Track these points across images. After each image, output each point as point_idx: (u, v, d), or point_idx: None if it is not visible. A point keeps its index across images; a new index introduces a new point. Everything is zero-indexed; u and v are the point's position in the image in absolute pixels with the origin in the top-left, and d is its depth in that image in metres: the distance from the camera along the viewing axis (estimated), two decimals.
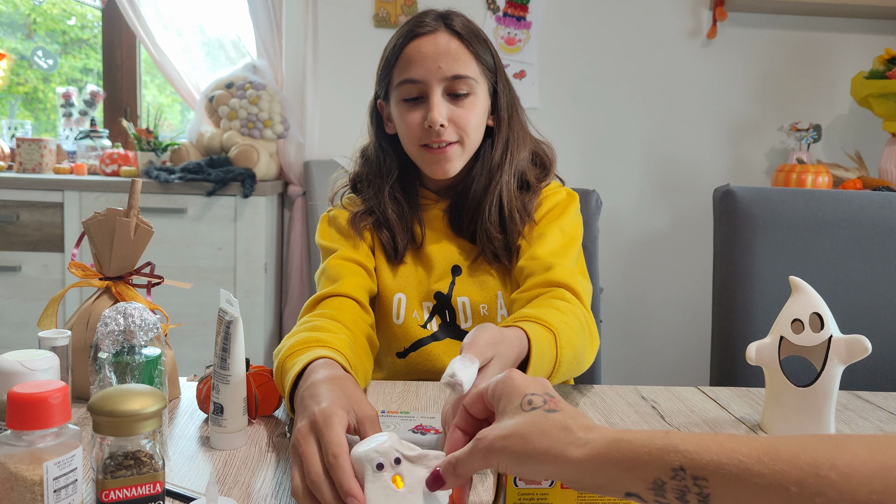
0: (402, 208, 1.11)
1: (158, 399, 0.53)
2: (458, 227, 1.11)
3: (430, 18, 1.06)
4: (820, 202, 1.32)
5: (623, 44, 2.79)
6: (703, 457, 0.44)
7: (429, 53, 1.03)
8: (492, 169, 1.09)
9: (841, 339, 0.81)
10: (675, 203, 2.88)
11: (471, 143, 1.07)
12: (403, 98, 1.06)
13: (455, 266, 1.10)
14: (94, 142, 2.68)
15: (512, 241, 1.08)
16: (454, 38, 1.04)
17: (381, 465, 0.55)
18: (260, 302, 2.43)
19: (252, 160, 2.46)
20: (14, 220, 2.32)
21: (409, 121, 1.05)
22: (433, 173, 1.07)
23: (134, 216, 0.87)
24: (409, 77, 1.04)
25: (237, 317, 0.73)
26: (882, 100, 2.51)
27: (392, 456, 0.56)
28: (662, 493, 0.45)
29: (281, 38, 2.70)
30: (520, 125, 1.12)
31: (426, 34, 1.04)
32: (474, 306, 1.09)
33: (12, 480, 0.50)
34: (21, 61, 2.89)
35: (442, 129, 1.03)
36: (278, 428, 0.81)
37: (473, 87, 1.05)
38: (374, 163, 1.13)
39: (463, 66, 1.04)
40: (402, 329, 1.09)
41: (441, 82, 1.03)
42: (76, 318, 0.86)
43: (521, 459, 0.51)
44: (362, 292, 1.03)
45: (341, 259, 1.06)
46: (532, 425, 0.51)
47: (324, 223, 1.15)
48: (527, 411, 0.53)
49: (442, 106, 1.03)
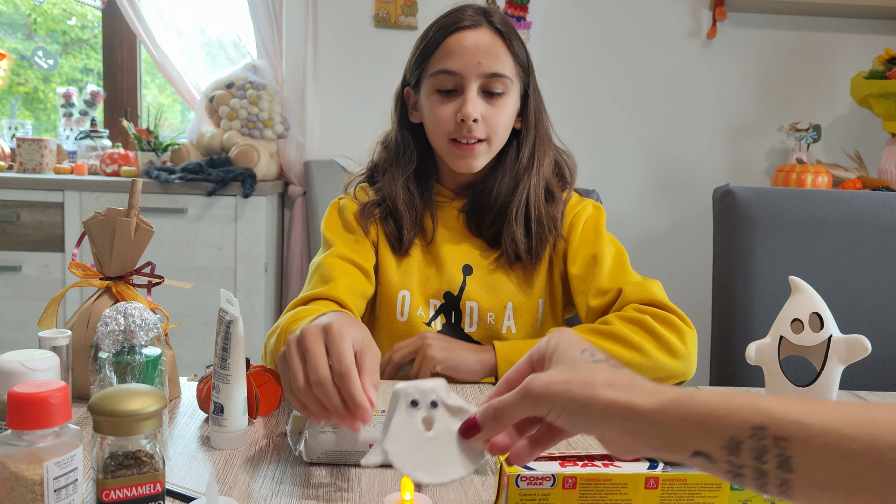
0: (414, 200, 1.10)
1: (159, 399, 0.53)
2: (477, 228, 1.11)
3: (471, 12, 1.05)
4: (820, 202, 1.32)
5: (623, 44, 2.79)
6: (788, 416, 0.40)
7: (470, 47, 1.02)
8: (518, 172, 1.08)
9: (841, 338, 0.81)
10: (675, 203, 2.87)
11: (497, 142, 1.07)
12: (437, 89, 1.05)
13: (466, 265, 1.10)
14: (94, 142, 2.68)
15: (536, 247, 1.08)
16: (496, 36, 1.04)
17: (416, 402, 0.52)
18: (260, 302, 2.42)
19: (252, 160, 2.46)
20: (14, 220, 2.32)
21: (441, 112, 1.04)
22: (457, 167, 1.07)
23: (134, 216, 0.87)
24: (446, 68, 1.03)
25: (237, 317, 0.73)
26: (882, 100, 2.51)
27: (430, 397, 0.53)
28: (737, 453, 0.41)
29: (281, 39, 2.70)
30: (545, 130, 1.12)
31: (469, 28, 1.04)
32: (482, 313, 1.08)
33: (12, 480, 0.50)
34: (21, 61, 2.90)
35: (474, 125, 1.03)
36: (278, 428, 0.81)
37: (508, 87, 1.05)
38: (395, 150, 1.12)
39: (502, 64, 1.03)
40: (406, 327, 1.08)
41: (479, 78, 1.03)
42: (76, 317, 0.86)
43: (579, 408, 0.45)
44: (353, 297, 1.02)
45: (338, 258, 1.05)
46: (598, 373, 0.46)
47: (332, 210, 1.14)
48: (589, 362, 0.48)
49: (477, 101, 1.03)
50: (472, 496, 0.65)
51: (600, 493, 0.58)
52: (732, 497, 0.59)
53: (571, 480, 0.58)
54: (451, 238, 1.11)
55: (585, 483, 0.58)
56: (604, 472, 0.58)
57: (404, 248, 1.09)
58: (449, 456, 0.52)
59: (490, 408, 0.50)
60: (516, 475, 0.57)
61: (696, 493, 0.59)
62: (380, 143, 1.16)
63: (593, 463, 0.60)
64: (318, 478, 0.69)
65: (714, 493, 0.59)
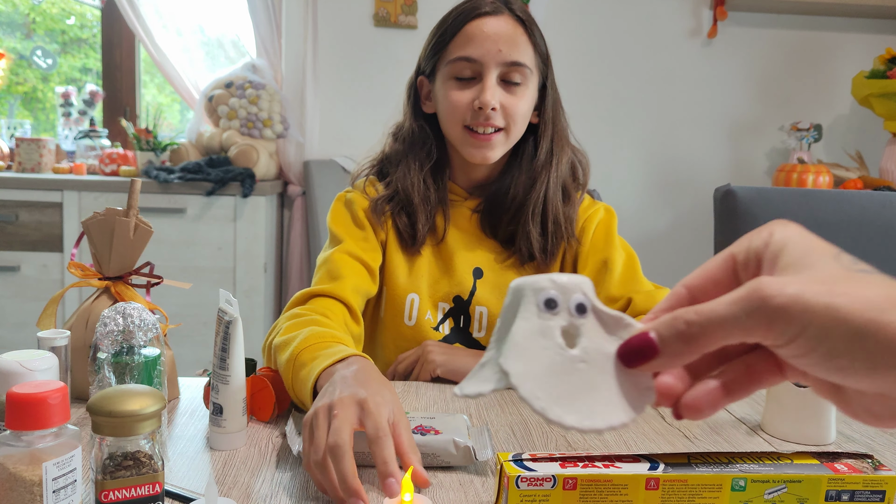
0: (430, 194, 1.06)
1: (158, 399, 0.53)
2: (493, 228, 1.08)
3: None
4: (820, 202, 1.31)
5: (623, 44, 2.79)
6: None
7: (490, 34, 1.00)
8: (535, 169, 1.06)
9: None
10: (676, 203, 2.87)
11: (515, 132, 1.04)
12: (455, 76, 1.03)
13: (476, 269, 1.07)
14: (93, 141, 2.68)
15: (551, 246, 1.06)
16: (518, 24, 1.02)
17: (554, 302, 0.35)
18: (260, 302, 2.42)
19: (251, 160, 2.46)
20: (13, 220, 2.32)
21: (457, 99, 1.02)
22: (472, 157, 1.04)
23: (133, 216, 0.87)
24: (466, 55, 1.01)
25: (237, 317, 0.73)
26: (883, 99, 2.51)
27: (574, 298, 0.35)
28: None
29: (281, 38, 2.69)
30: (562, 126, 1.10)
31: (490, 14, 1.01)
32: (491, 318, 1.06)
33: (12, 481, 0.50)
34: (20, 61, 2.89)
35: (492, 113, 1.00)
36: (278, 428, 0.81)
37: (527, 78, 1.02)
38: (409, 141, 1.08)
39: (522, 53, 1.01)
40: (414, 331, 1.06)
41: (498, 66, 1.01)
42: (75, 318, 0.86)
43: (854, 338, 0.29)
44: (357, 297, 1.00)
45: (346, 254, 1.03)
46: (875, 286, 0.30)
47: (339, 204, 1.10)
48: (853, 270, 0.31)
49: (496, 89, 1.01)
50: (472, 496, 0.65)
51: (601, 494, 0.58)
52: (733, 498, 0.59)
53: (572, 481, 0.58)
54: (463, 239, 1.09)
55: (586, 484, 0.58)
56: (604, 473, 0.58)
57: (418, 243, 1.06)
58: (603, 388, 0.34)
59: (679, 320, 0.33)
60: (516, 476, 0.57)
61: (697, 493, 0.59)
62: (391, 135, 1.12)
63: (594, 464, 0.59)
64: None
65: (715, 495, 0.59)
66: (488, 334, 1.07)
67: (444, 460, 0.70)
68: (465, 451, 0.69)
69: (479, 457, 0.69)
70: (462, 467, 0.71)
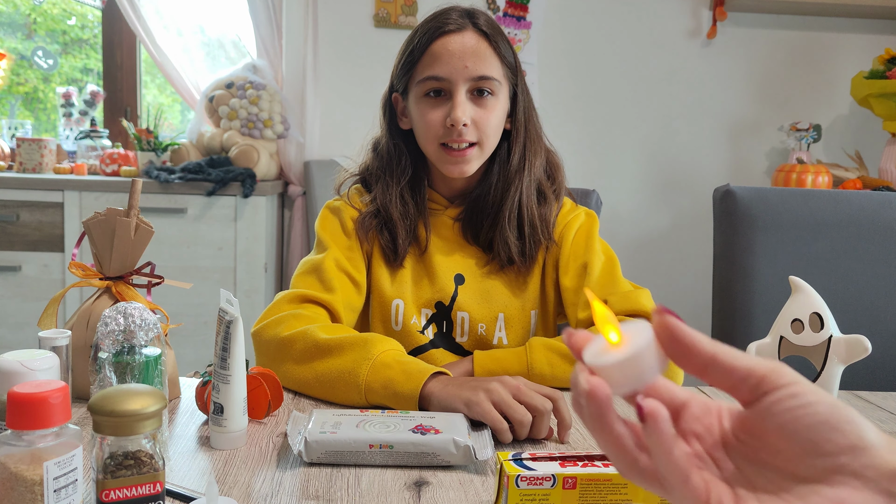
0: (408, 209, 1.09)
1: (158, 399, 0.53)
2: (474, 235, 1.10)
3: (456, 15, 1.04)
4: (820, 202, 1.32)
5: (623, 44, 2.79)
6: None
7: (456, 52, 1.01)
8: (509, 174, 1.07)
9: (841, 338, 0.81)
10: (675, 203, 2.87)
11: (489, 145, 1.06)
12: (425, 94, 1.04)
13: (458, 275, 1.09)
14: (94, 142, 2.68)
15: (529, 249, 1.07)
16: (482, 38, 1.03)
17: None
18: (260, 302, 2.42)
19: (252, 160, 2.46)
20: (14, 220, 2.32)
21: (430, 118, 1.03)
22: (449, 173, 1.06)
23: (134, 216, 0.87)
24: (434, 74, 1.02)
25: (237, 317, 0.73)
26: (882, 100, 2.51)
27: None
28: None
29: (281, 38, 2.70)
30: (535, 130, 1.11)
31: (454, 32, 1.03)
32: (472, 324, 1.08)
33: (12, 480, 0.50)
34: (21, 61, 2.89)
35: (464, 129, 1.02)
36: (278, 428, 0.81)
37: (496, 89, 1.04)
38: (386, 158, 1.11)
39: (489, 66, 1.03)
40: (401, 335, 1.08)
41: (466, 82, 1.02)
42: (76, 317, 0.86)
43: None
44: (347, 312, 1.04)
45: (335, 264, 1.05)
46: None
47: (326, 212, 1.12)
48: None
49: (466, 105, 1.02)
50: (472, 496, 0.65)
51: (600, 493, 0.58)
52: None
53: (571, 480, 0.58)
54: (444, 247, 1.11)
55: (585, 483, 0.58)
56: (604, 472, 0.58)
57: (399, 258, 1.08)
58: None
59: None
60: (516, 475, 0.57)
61: None
62: (371, 150, 1.15)
63: (593, 463, 0.60)
64: (318, 478, 0.69)
65: None
66: (470, 339, 1.08)
67: (444, 460, 0.70)
68: (465, 450, 0.70)
69: (479, 456, 0.70)
70: (462, 467, 0.71)
